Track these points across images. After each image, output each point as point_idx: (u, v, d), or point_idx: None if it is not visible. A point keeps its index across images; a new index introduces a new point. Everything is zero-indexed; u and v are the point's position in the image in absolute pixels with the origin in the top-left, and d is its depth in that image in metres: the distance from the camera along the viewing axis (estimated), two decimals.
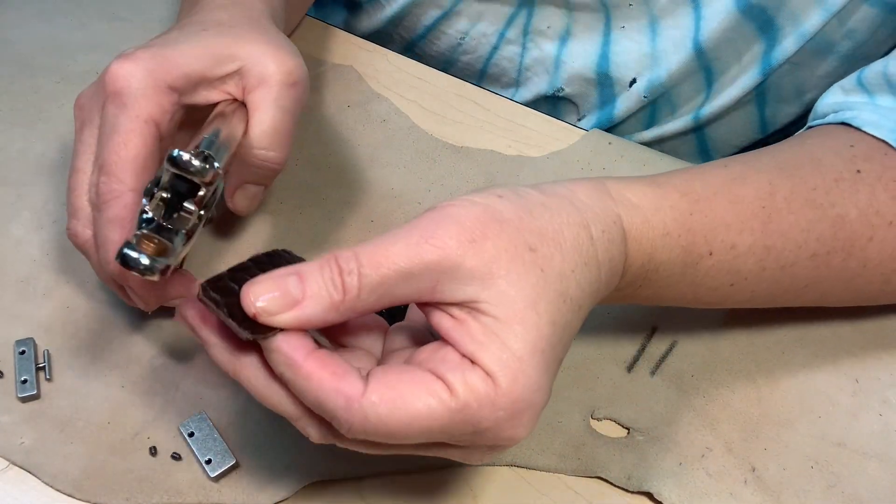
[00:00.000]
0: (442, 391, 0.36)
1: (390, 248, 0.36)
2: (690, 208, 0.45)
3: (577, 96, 0.69)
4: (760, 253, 0.46)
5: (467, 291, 0.37)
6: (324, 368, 0.36)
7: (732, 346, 0.53)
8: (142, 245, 0.41)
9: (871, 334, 0.54)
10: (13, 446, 0.48)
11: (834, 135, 0.52)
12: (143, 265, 0.40)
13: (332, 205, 0.60)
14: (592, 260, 0.40)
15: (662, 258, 0.44)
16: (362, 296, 0.36)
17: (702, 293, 0.47)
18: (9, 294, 0.54)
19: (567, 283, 0.38)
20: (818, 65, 0.65)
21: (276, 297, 0.36)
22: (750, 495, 0.48)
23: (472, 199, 0.39)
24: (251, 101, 0.49)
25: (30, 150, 0.61)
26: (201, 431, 0.48)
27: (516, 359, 0.36)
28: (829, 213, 0.47)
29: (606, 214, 0.41)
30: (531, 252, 0.38)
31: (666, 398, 0.51)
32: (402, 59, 0.69)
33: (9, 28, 0.69)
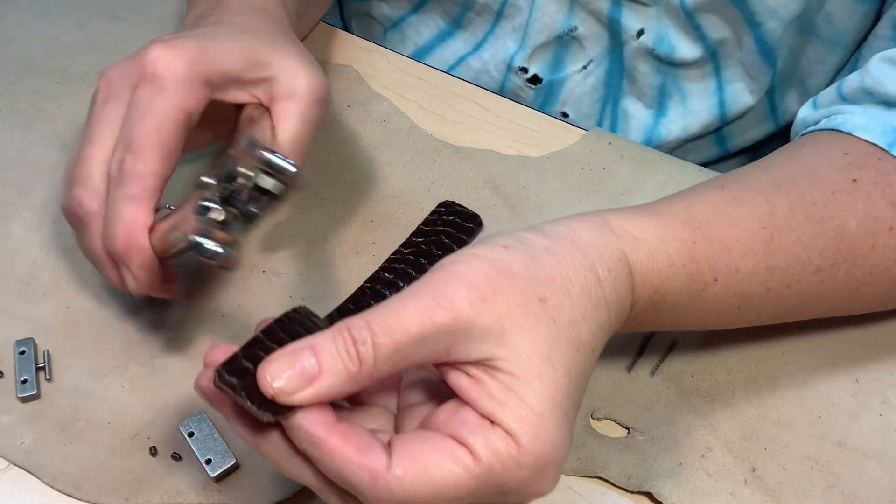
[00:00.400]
0: (465, 457, 0.35)
1: (402, 314, 0.36)
2: (693, 236, 0.45)
3: (587, 38, 0.68)
4: (765, 274, 0.46)
5: (482, 350, 0.36)
6: (347, 444, 0.36)
7: (732, 346, 0.53)
8: (212, 234, 0.42)
9: (871, 334, 0.54)
10: (13, 446, 0.48)
11: (827, 143, 0.52)
12: (213, 252, 0.42)
13: (332, 205, 0.60)
14: (601, 301, 0.40)
15: (669, 289, 0.44)
16: (378, 365, 0.36)
17: (709, 318, 0.47)
18: (9, 294, 0.54)
19: (579, 330, 0.38)
20: (806, 46, 0.65)
21: (292, 375, 0.36)
22: (750, 495, 0.48)
23: (478, 253, 0.38)
24: (278, 111, 0.50)
25: (30, 150, 0.61)
26: (201, 431, 0.48)
27: (536, 415, 0.36)
28: (829, 226, 0.47)
29: (611, 252, 0.41)
30: (541, 303, 0.38)
31: (666, 398, 0.51)
32: (402, 59, 0.69)
33: (9, 28, 0.69)
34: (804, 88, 0.68)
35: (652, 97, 0.70)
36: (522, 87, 0.71)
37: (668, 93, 0.69)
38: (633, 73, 0.68)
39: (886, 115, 0.51)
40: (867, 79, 0.53)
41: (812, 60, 0.66)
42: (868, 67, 0.53)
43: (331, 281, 0.56)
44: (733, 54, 0.66)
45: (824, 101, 0.56)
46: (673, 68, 0.67)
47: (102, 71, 0.49)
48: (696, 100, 0.69)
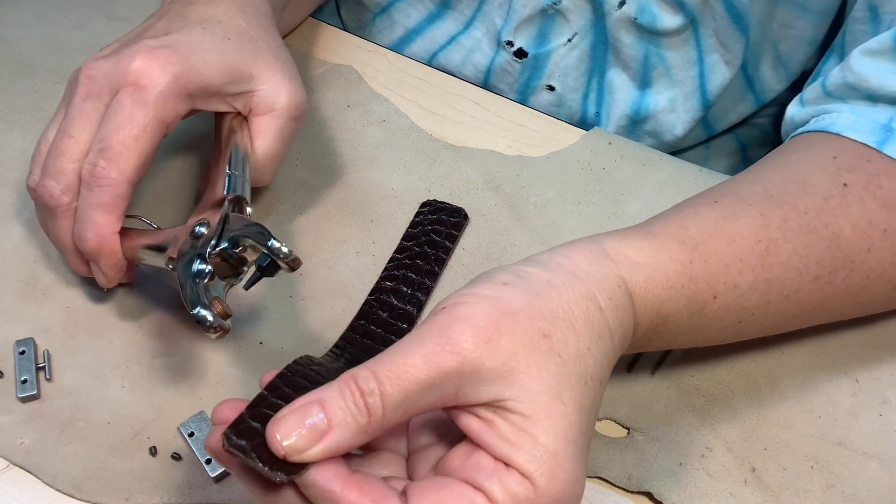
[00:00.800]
0: (483, 503, 0.35)
1: (407, 362, 0.36)
2: (689, 256, 0.45)
3: (571, 11, 0.68)
4: (763, 287, 0.46)
5: (490, 392, 0.36)
6: (363, 497, 0.35)
7: (732, 346, 0.53)
8: (213, 306, 0.45)
9: (872, 334, 0.54)
10: (13, 446, 0.48)
11: (816, 146, 0.52)
12: (213, 325, 0.44)
13: (332, 205, 0.60)
14: (605, 331, 0.40)
15: (669, 311, 0.44)
16: (387, 415, 0.36)
17: (711, 335, 0.47)
18: (9, 294, 0.54)
19: (585, 364, 0.38)
20: (774, 10, 0.65)
21: (302, 433, 0.35)
22: (750, 495, 0.48)
23: (479, 292, 0.38)
24: (256, 125, 0.53)
25: (30, 150, 0.61)
26: (201, 431, 0.48)
27: (550, 455, 0.36)
28: (824, 233, 0.47)
29: (610, 280, 0.41)
30: (546, 339, 0.37)
31: (666, 398, 0.51)
32: (402, 59, 0.69)
33: (9, 28, 0.69)
34: (776, 54, 0.68)
35: (636, 69, 0.70)
36: (509, 62, 0.71)
37: (652, 64, 0.69)
38: (617, 45, 0.68)
39: (872, 111, 0.51)
40: (849, 75, 0.53)
41: (782, 24, 0.66)
42: (849, 63, 0.53)
43: (331, 281, 0.56)
44: (709, 23, 0.66)
45: (810, 97, 0.56)
46: (655, 38, 0.67)
47: (84, 64, 0.50)
48: (680, 71, 0.69)
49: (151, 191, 0.59)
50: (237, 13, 0.54)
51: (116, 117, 0.47)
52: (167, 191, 0.60)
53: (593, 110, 0.73)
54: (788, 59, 0.68)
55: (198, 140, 0.62)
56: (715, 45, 0.67)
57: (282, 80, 0.53)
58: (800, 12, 0.64)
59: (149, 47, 0.49)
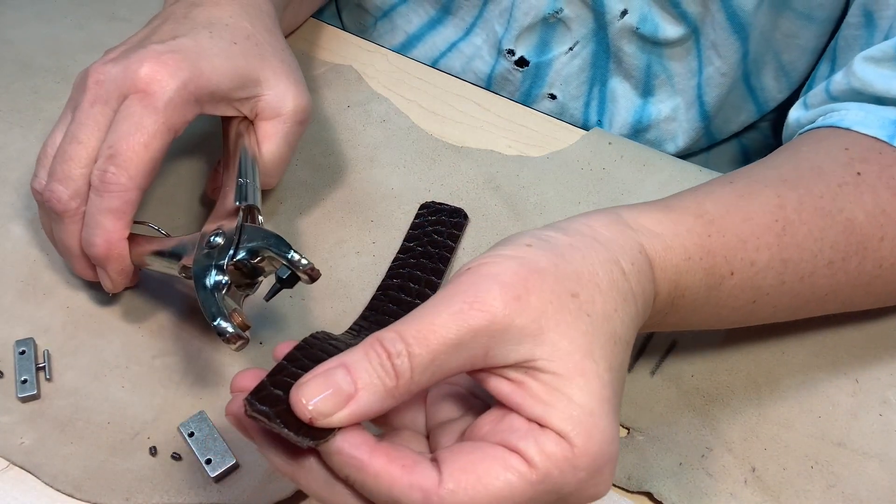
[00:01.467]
0: (519, 465, 0.34)
1: (435, 321, 0.35)
2: (707, 230, 0.44)
3: (573, 20, 0.68)
4: (779, 267, 0.46)
5: (520, 351, 0.35)
6: (392, 463, 0.34)
7: (732, 346, 0.53)
8: (233, 317, 0.44)
9: (872, 334, 0.54)
10: (13, 446, 0.48)
11: (827, 140, 0.52)
12: (232, 335, 0.44)
13: (332, 205, 0.60)
14: (629, 294, 0.39)
15: (687, 283, 0.43)
16: (415, 377, 0.35)
17: (725, 314, 0.47)
18: (9, 294, 0.54)
19: (614, 324, 0.37)
20: (779, 20, 0.65)
21: (328, 396, 0.34)
22: (750, 495, 0.48)
23: (504, 253, 0.37)
24: (262, 130, 0.53)
25: (30, 150, 0.61)
26: (201, 431, 0.48)
27: (587, 413, 0.35)
28: (838, 218, 0.47)
29: (631, 246, 0.40)
30: (574, 298, 0.37)
31: (666, 398, 0.51)
32: (402, 59, 0.69)
33: (9, 28, 0.69)
34: (779, 64, 0.68)
35: (638, 77, 0.70)
36: (511, 71, 0.71)
37: (655, 73, 0.69)
38: (619, 54, 0.69)
39: (881, 109, 0.52)
40: (854, 80, 0.53)
41: (786, 34, 0.66)
42: (852, 69, 0.54)
43: (331, 281, 0.56)
44: (708, 34, 0.66)
45: (814, 101, 0.56)
46: (658, 47, 0.67)
47: (91, 68, 0.49)
48: (682, 80, 0.69)
49: (155, 194, 0.59)
50: (242, 15, 0.54)
51: (126, 124, 0.47)
52: (170, 194, 0.60)
53: (595, 119, 0.73)
54: (791, 69, 0.68)
55: (200, 142, 0.62)
56: (713, 55, 0.67)
57: (287, 84, 0.53)
58: (805, 22, 0.64)
59: (157, 52, 0.49)
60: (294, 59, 0.56)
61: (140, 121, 0.47)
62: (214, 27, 0.52)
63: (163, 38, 0.51)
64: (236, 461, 0.47)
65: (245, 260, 0.46)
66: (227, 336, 0.44)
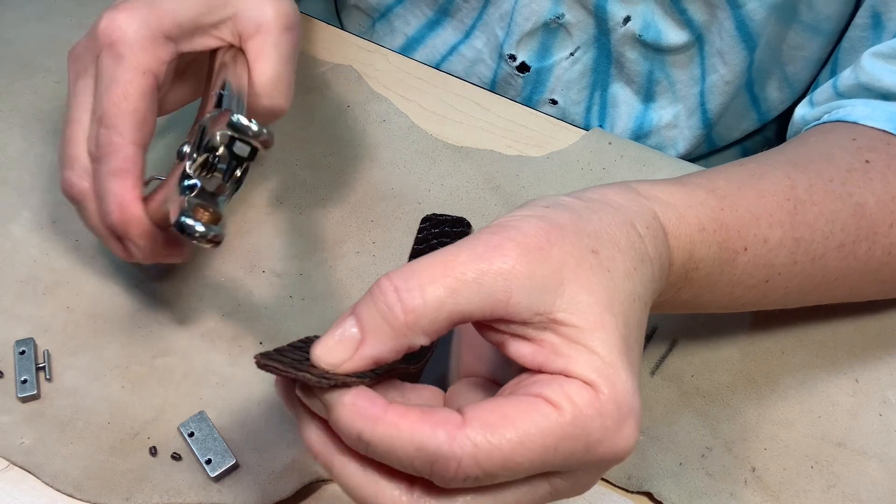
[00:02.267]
0: (546, 408, 0.33)
1: (455, 259, 0.34)
2: (720, 204, 0.44)
3: (574, 25, 0.68)
4: (791, 245, 0.46)
5: (543, 300, 0.34)
6: (409, 413, 0.33)
7: (732, 346, 0.53)
8: (197, 213, 0.41)
9: (872, 334, 0.54)
10: (13, 446, 0.48)
11: (834, 131, 0.52)
12: (199, 232, 0.40)
13: (332, 205, 0.60)
14: (646, 257, 0.39)
15: (701, 255, 0.43)
16: (430, 314, 0.34)
17: (739, 293, 0.47)
18: (9, 294, 0.54)
19: (633, 282, 0.37)
20: (786, 33, 0.65)
21: (336, 344, 0.34)
22: (750, 495, 0.48)
23: (523, 213, 0.37)
24: (250, 49, 0.49)
25: (30, 150, 0.61)
26: (201, 431, 0.48)
27: (608, 364, 0.34)
28: (848, 202, 0.48)
29: (645, 212, 0.40)
30: (594, 255, 0.36)
31: (666, 398, 0.51)
32: (402, 59, 0.69)
33: (9, 28, 0.69)
34: (784, 75, 0.69)
35: (640, 83, 0.70)
36: (512, 76, 0.71)
37: (657, 79, 0.69)
38: (621, 60, 0.68)
39: (887, 105, 0.52)
40: (862, 75, 0.53)
41: (792, 47, 0.66)
42: (861, 64, 0.54)
43: (331, 281, 0.56)
44: (714, 41, 0.66)
45: (820, 98, 0.57)
46: (660, 54, 0.67)
47: (70, 50, 0.49)
48: (684, 87, 0.69)
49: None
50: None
51: (101, 83, 0.46)
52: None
53: (596, 124, 0.73)
54: (796, 80, 0.68)
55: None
56: (718, 63, 0.67)
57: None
58: (812, 34, 0.64)
59: (114, 6, 0.47)
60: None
61: (112, 74, 0.45)
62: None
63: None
64: (236, 461, 0.47)
65: (207, 155, 0.43)
66: (194, 234, 0.40)
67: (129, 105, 0.45)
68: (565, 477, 0.35)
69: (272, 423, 0.49)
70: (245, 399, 0.50)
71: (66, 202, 0.58)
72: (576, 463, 0.34)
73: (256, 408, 0.49)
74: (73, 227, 0.57)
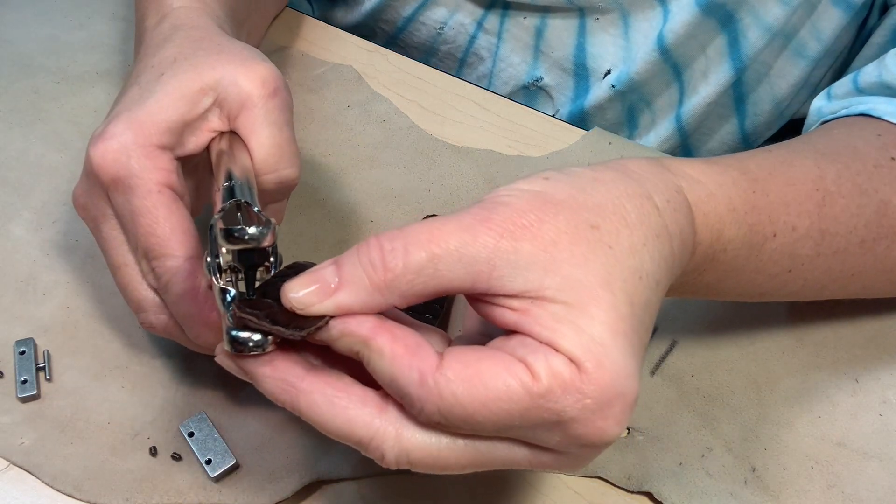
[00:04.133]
0: (523, 374, 0.33)
1: (442, 228, 0.34)
2: (752, 186, 0.43)
3: (554, 88, 0.68)
4: (817, 237, 0.45)
5: (529, 278, 0.34)
6: (396, 342, 0.34)
7: (732, 346, 0.53)
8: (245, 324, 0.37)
9: (872, 334, 0.54)
10: (13, 446, 0.48)
11: (858, 125, 0.52)
12: (255, 342, 0.37)
13: (332, 205, 0.60)
14: (663, 231, 0.37)
15: (730, 235, 0.42)
16: (409, 276, 0.34)
17: (761, 280, 0.46)
18: (9, 294, 0.54)
19: (641, 258, 0.35)
20: (790, 69, 0.66)
21: (312, 288, 0.34)
22: (750, 495, 0.48)
23: (519, 187, 0.36)
24: (240, 129, 0.46)
25: (30, 150, 0.61)
26: (201, 431, 0.48)
27: (597, 343, 0.33)
28: (874, 198, 0.47)
29: (668, 185, 0.39)
30: (594, 230, 0.35)
31: (666, 398, 0.51)
32: (403, 59, 0.69)
33: (9, 28, 0.69)
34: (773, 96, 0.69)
35: (621, 122, 0.70)
36: None
37: (638, 111, 0.70)
38: (602, 106, 0.69)
39: None
40: (885, 74, 0.53)
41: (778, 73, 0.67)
42: (885, 63, 0.53)
43: None
44: (701, 78, 0.67)
45: (839, 92, 0.56)
46: (640, 92, 0.68)
47: (73, 198, 0.47)
48: (662, 113, 0.70)
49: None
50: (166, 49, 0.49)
51: (126, 222, 0.44)
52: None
53: None
54: (781, 93, 0.69)
55: None
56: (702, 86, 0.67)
57: (230, 68, 0.46)
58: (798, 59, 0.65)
59: (95, 136, 0.45)
60: (235, 42, 0.49)
61: (131, 208, 0.44)
62: (141, 76, 0.48)
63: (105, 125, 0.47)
64: (236, 461, 0.47)
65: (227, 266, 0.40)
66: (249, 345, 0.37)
67: (163, 228, 0.43)
68: (542, 450, 0.35)
69: (272, 424, 0.49)
70: (245, 399, 0.50)
71: (66, 202, 0.58)
72: (548, 436, 0.34)
73: (256, 408, 0.49)
74: (73, 227, 0.57)
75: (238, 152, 0.46)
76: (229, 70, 0.46)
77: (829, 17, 0.62)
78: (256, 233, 0.38)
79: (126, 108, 0.45)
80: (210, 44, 0.48)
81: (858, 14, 0.62)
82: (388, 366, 0.34)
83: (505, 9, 0.69)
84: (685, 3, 0.63)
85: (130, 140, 0.44)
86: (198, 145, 0.47)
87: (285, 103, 0.47)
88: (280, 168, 0.47)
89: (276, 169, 0.46)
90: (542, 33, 0.69)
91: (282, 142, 0.46)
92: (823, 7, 0.62)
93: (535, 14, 0.68)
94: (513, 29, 0.70)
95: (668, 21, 0.64)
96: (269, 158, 0.46)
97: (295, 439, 0.48)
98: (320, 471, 0.47)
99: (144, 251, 0.44)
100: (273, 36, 0.70)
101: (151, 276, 0.44)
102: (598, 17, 0.66)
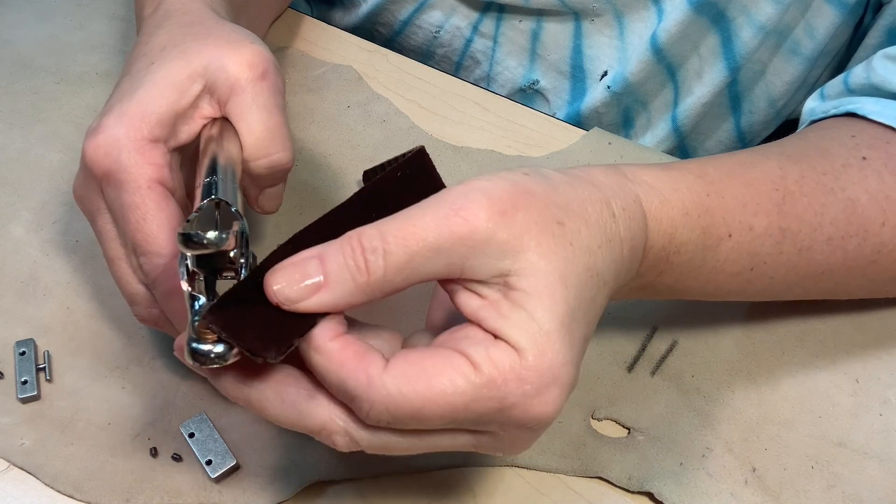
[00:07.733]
0: (465, 366, 0.35)
1: (418, 223, 0.35)
2: (707, 189, 0.44)
3: (550, 90, 0.68)
4: (777, 235, 0.46)
5: (498, 266, 0.36)
6: (346, 349, 0.35)
7: (732, 346, 0.53)
8: (204, 335, 0.36)
9: (872, 334, 0.54)
10: (13, 447, 0.48)
11: (835, 127, 0.53)
12: (216, 354, 0.36)
13: (333, 205, 0.59)
14: (615, 237, 0.39)
15: (683, 239, 0.44)
16: (388, 276, 0.35)
17: (722, 280, 0.47)
18: (9, 294, 0.54)
19: (595, 258, 0.38)
20: (785, 68, 0.66)
21: (296, 284, 0.35)
22: (750, 495, 0.48)
23: (500, 175, 0.38)
24: (230, 114, 0.46)
25: (30, 150, 0.61)
26: (202, 432, 0.48)
27: (543, 333, 0.35)
28: (840, 196, 0.48)
29: (626, 193, 0.41)
30: (560, 226, 0.37)
31: (666, 398, 0.51)
32: (402, 59, 0.69)
33: (9, 28, 0.69)
34: (769, 95, 0.69)
35: (618, 124, 0.70)
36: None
37: (633, 112, 0.70)
38: (599, 108, 0.69)
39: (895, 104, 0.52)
40: (873, 76, 0.54)
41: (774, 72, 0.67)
42: (872, 65, 0.54)
43: None
44: (695, 78, 0.66)
45: (831, 92, 0.57)
46: (635, 93, 0.68)
47: (73, 190, 0.47)
48: (658, 115, 0.70)
49: None
50: (158, 36, 0.48)
51: (117, 216, 0.44)
52: None
53: None
54: (777, 95, 0.69)
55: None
56: (697, 86, 0.67)
57: (217, 52, 0.45)
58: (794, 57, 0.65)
59: (89, 130, 0.45)
60: (225, 24, 0.49)
61: (121, 201, 0.43)
62: (132, 66, 0.47)
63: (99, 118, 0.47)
64: (237, 462, 0.47)
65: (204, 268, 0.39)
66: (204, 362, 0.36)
67: (151, 224, 0.43)
68: (486, 434, 0.37)
69: (272, 425, 0.49)
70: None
71: (66, 202, 0.58)
72: (492, 422, 0.36)
73: None
74: (73, 227, 0.57)
75: (227, 139, 0.45)
76: (216, 54, 0.45)
77: (823, 15, 0.62)
78: (215, 237, 0.37)
79: (118, 101, 0.45)
80: (199, 28, 0.48)
81: (853, 13, 0.62)
82: (336, 371, 0.35)
83: (500, 12, 0.69)
84: (678, 2, 0.63)
85: (122, 134, 0.44)
86: (191, 134, 0.46)
87: (275, 86, 0.46)
88: (271, 152, 0.46)
89: (268, 153, 0.46)
90: (538, 36, 0.69)
91: (272, 126, 0.46)
92: (817, 5, 0.62)
93: (531, 17, 0.68)
94: (508, 32, 0.70)
95: (662, 21, 0.64)
96: (260, 143, 0.46)
97: (295, 440, 0.48)
98: (321, 471, 0.47)
99: (133, 247, 0.44)
100: (273, 36, 0.70)
101: (140, 273, 0.45)
102: (594, 20, 0.66)
